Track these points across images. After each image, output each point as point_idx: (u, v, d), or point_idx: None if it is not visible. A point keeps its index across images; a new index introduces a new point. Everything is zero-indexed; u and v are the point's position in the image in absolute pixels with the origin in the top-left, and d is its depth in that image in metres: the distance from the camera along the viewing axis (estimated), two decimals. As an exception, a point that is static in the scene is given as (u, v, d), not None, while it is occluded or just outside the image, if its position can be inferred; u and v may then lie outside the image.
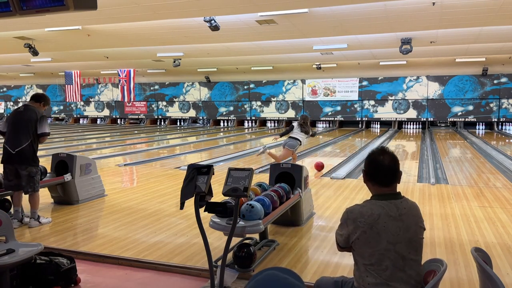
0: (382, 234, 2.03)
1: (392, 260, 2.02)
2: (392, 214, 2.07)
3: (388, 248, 2.02)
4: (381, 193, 2.15)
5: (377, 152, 2.21)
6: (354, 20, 9.51)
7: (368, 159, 2.23)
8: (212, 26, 9.26)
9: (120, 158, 10.74)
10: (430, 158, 10.23)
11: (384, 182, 2.15)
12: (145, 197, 6.25)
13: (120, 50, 14.18)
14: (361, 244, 2.08)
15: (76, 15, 8.56)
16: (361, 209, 2.11)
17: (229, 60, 17.27)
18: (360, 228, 2.06)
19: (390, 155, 2.19)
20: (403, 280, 2.03)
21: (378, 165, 2.16)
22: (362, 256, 2.09)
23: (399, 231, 2.05)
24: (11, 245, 3.07)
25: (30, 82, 27.16)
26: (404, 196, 2.20)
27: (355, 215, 2.10)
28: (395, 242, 2.03)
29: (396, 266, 2.02)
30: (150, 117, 25.10)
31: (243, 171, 2.98)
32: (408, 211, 2.12)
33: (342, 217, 2.20)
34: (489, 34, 10.93)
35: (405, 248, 2.04)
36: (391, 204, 2.10)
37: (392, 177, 2.16)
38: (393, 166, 2.17)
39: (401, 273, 2.03)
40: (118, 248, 4.04)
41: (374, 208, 2.08)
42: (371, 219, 2.05)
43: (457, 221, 4.89)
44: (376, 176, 2.16)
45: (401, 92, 20.11)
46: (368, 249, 2.05)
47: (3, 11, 2.83)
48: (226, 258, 2.99)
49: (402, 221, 2.07)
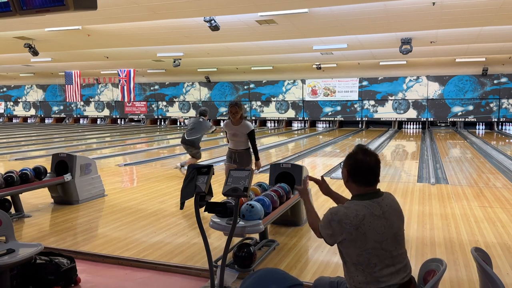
0: (369, 234, 2.03)
1: (380, 258, 2.04)
2: (376, 213, 2.07)
3: (375, 247, 2.04)
4: (364, 192, 2.15)
5: (360, 152, 2.18)
6: (354, 20, 9.50)
7: (351, 160, 2.19)
8: (212, 26, 9.26)
9: (120, 158, 10.74)
10: (430, 158, 10.23)
11: (369, 182, 2.15)
12: (145, 197, 6.25)
13: (120, 50, 14.18)
14: (348, 245, 2.08)
15: (76, 15, 8.55)
16: (346, 211, 2.09)
17: (229, 60, 17.27)
18: (346, 230, 2.05)
19: (374, 155, 2.18)
20: (393, 274, 2.05)
21: (363, 166, 2.14)
22: (349, 256, 2.09)
23: (384, 229, 2.06)
24: (11, 245, 3.07)
25: (30, 82, 27.15)
26: (384, 192, 2.20)
27: (340, 217, 2.08)
28: (382, 240, 2.05)
29: (385, 262, 2.05)
30: (150, 117, 25.10)
31: (243, 171, 2.98)
32: (390, 208, 2.14)
33: (325, 217, 2.16)
34: (489, 34, 10.93)
35: (391, 244, 2.07)
36: (374, 203, 2.11)
37: (376, 177, 2.16)
38: (377, 166, 2.17)
39: (390, 268, 2.05)
40: (118, 248, 4.04)
41: (358, 209, 2.07)
42: (356, 221, 2.04)
43: (457, 221, 4.89)
44: (360, 178, 2.15)
45: (401, 92, 20.11)
46: (355, 249, 2.05)
47: (3, 11, 2.83)
48: (226, 258, 2.99)
49: (386, 219, 2.09)
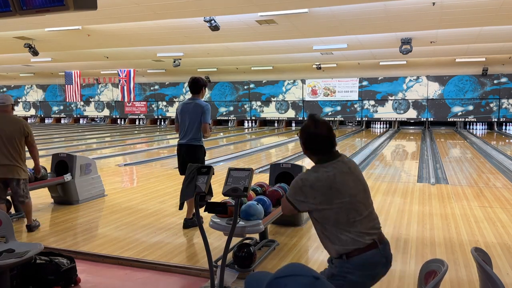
0: (343, 190, 2.10)
1: (358, 211, 2.12)
2: (344, 170, 2.16)
3: (351, 201, 2.11)
4: (326, 157, 2.20)
5: (312, 125, 2.21)
6: (354, 20, 9.50)
7: (304, 133, 2.24)
8: (212, 26, 9.26)
9: (120, 158, 10.74)
10: (430, 158, 10.23)
11: (326, 150, 2.21)
12: (145, 197, 6.25)
13: (120, 50, 14.18)
14: (323, 207, 2.11)
15: (76, 15, 8.55)
16: (316, 174, 2.13)
17: (229, 60, 17.27)
18: (320, 192, 2.10)
19: (325, 124, 2.22)
20: (371, 225, 2.15)
21: (318, 138, 2.19)
22: (327, 218, 2.12)
23: (355, 183, 2.16)
24: (11, 245, 3.07)
25: (30, 82, 27.15)
26: (341, 154, 2.27)
27: (312, 182, 2.12)
28: (356, 193, 2.14)
29: (362, 214, 2.12)
30: (150, 117, 25.09)
31: (243, 171, 2.98)
32: (353, 164, 2.25)
33: (295, 184, 2.19)
34: (489, 34, 10.93)
35: (363, 195, 2.17)
36: (339, 162, 2.19)
37: (331, 145, 2.22)
38: (330, 134, 2.21)
39: (368, 219, 2.14)
40: (118, 248, 4.04)
41: (328, 170, 2.13)
42: (328, 181, 2.10)
43: (457, 221, 4.89)
44: (317, 148, 2.21)
45: (401, 92, 20.11)
46: (332, 209, 2.10)
47: (3, 11, 2.82)
48: (226, 258, 2.99)
49: (353, 173, 2.19)
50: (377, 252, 2.11)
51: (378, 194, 6.29)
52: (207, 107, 4.62)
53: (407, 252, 3.94)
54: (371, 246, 2.09)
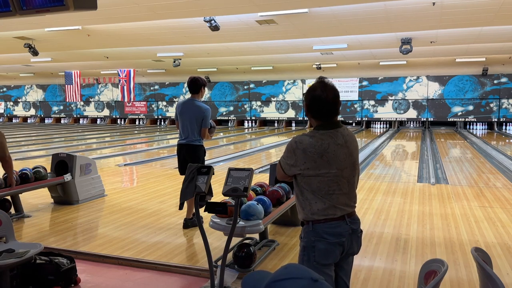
0: (332, 162, 2.12)
1: (340, 185, 2.14)
2: (339, 142, 2.15)
3: (337, 174, 2.13)
4: (325, 123, 2.19)
5: (319, 88, 2.17)
6: (354, 20, 9.50)
7: (309, 95, 2.21)
8: (212, 26, 9.26)
9: (120, 158, 10.74)
10: (430, 158, 10.23)
11: (328, 117, 2.19)
12: (145, 197, 6.25)
13: (120, 50, 14.18)
14: (310, 173, 2.12)
15: (76, 15, 8.55)
16: (311, 140, 2.13)
17: (229, 60, 17.27)
18: (310, 158, 2.11)
19: (332, 90, 2.18)
20: (347, 202, 2.18)
21: (322, 102, 2.16)
22: (309, 184, 2.14)
23: (346, 157, 2.16)
24: (11, 245, 3.07)
25: (30, 82, 27.14)
26: (342, 124, 2.25)
27: (305, 146, 2.12)
28: (343, 168, 2.15)
29: (342, 189, 2.15)
30: (150, 117, 25.09)
31: (243, 171, 2.98)
32: (350, 138, 2.23)
33: (289, 146, 2.20)
34: (489, 34, 10.93)
35: (350, 171, 2.18)
36: (337, 132, 2.17)
37: (334, 112, 2.20)
38: (335, 101, 2.18)
39: (346, 196, 2.17)
40: (118, 248, 4.04)
41: (323, 138, 2.13)
42: (321, 149, 2.11)
43: (457, 221, 4.89)
44: (319, 112, 2.18)
45: (401, 92, 20.11)
46: (318, 177, 2.12)
47: (3, 11, 2.83)
48: (226, 258, 2.99)
49: (347, 147, 2.18)
50: (343, 223, 2.15)
51: (378, 194, 6.29)
52: (208, 112, 4.64)
53: (407, 252, 3.94)
54: (338, 218, 2.14)
